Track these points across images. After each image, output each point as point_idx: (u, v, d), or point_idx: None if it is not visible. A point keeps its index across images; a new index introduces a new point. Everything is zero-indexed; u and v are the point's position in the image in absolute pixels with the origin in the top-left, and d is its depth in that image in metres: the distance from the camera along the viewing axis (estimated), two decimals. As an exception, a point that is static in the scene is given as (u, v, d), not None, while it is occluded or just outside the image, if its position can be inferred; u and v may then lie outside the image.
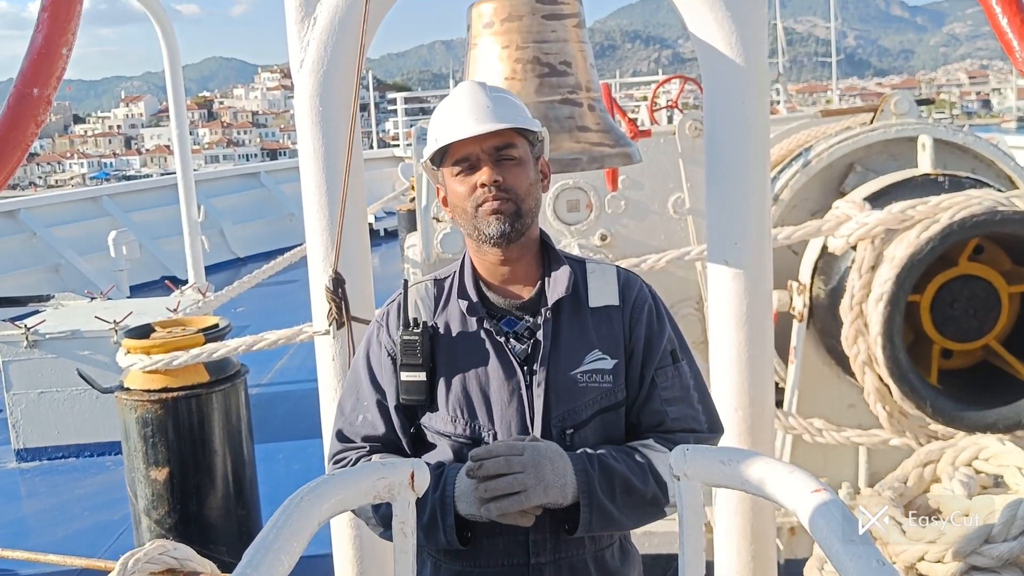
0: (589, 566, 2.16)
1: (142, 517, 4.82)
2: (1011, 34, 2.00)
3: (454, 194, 2.15)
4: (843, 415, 4.63)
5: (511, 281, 2.21)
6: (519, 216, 2.11)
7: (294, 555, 1.53)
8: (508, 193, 2.09)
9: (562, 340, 2.14)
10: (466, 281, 2.21)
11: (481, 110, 2.10)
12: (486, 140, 2.09)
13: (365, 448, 2.23)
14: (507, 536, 2.11)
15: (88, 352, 7.25)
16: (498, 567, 2.13)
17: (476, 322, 2.16)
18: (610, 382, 2.14)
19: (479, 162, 2.10)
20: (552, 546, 2.12)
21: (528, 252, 2.21)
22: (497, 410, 2.12)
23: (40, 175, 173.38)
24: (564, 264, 2.21)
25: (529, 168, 2.15)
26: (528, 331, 2.16)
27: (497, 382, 2.12)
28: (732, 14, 2.74)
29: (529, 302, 2.19)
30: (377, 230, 17.90)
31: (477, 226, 2.11)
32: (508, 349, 2.13)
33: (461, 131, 2.08)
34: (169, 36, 9.78)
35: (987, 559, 2.92)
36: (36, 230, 14.00)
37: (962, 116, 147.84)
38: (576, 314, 2.18)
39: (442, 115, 2.17)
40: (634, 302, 2.21)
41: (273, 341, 4.11)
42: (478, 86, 2.19)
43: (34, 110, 2.15)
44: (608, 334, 2.17)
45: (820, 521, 1.56)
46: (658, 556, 4.49)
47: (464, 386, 2.14)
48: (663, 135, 5.69)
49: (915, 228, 4.01)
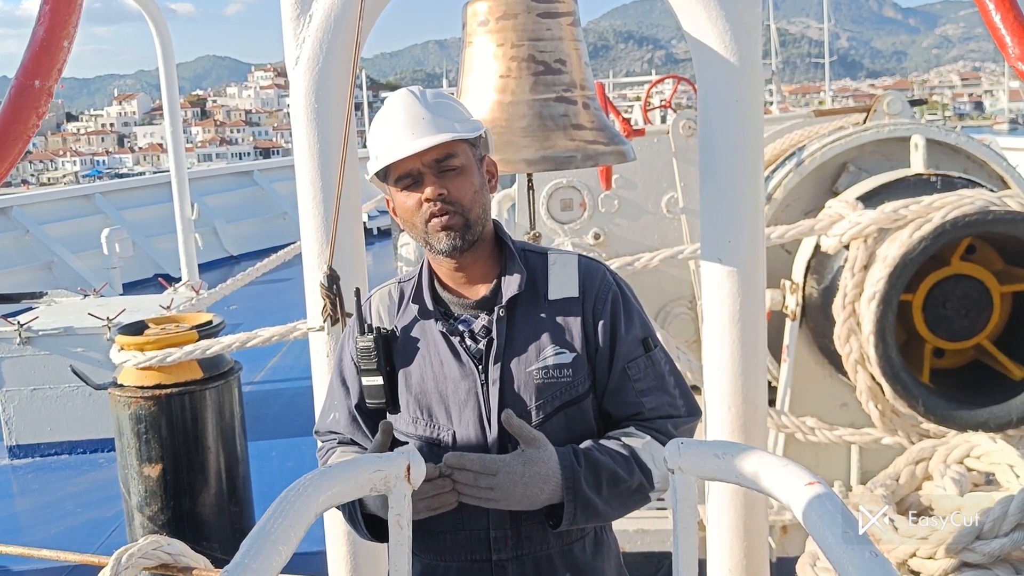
0: (555, 561, 2.16)
1: (135, 514, 4.81)
2: (1004, 30, 2.01)
3: (402, 207, 2.15)
4: (835, 414, 4.65)
5: (468, 282, 2.22)
6: (468, 227, 2.11)
7: (291, 546, 1.54)
8: (454, 205, 2.09)
9: (516, 336, 2.14)
10: (423, 284, 2.24)
11: (418, 123, 2.09)
12: (425, 154, 2.08)
13: (334, 440, 2.31)
14: (468, 532, 2.13)
15: (81, 349, 7.24)
16: (462, 562, 2.16)
17: (431, 324, 2.18)
18: (570, 376, 2.13)
19: (422, 176, 2.10)
20: (514, 543, 2.13)
21: (483, 254, 2.21)
22: (455, 410, 2.13)
23: (32, 172, 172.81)
24: (517, 261, 2.20)
25: (473, 175, 2.14)
26: (484, 329, 2.17)
27: (453, 382, 2.14)
28: (726, 14, 2.75)
29: (484, 300, 2.19)
30: (371, 228, 17.88)
31: (428, 240, 2.13)
32: (463, 348, 2.14)
33: (399, 150, 2.08)
34: (163, 34, 9.76)
35: (979, 555, 2.94)
36: (29, 227, 13.95)
37: (954, 118, 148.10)
38: (533, 309, 2.17)
39: (380, 130, 2.16)
40: (596, 292, 2.19)
41: (267, 338, 4.10)
42: (412, 96, 2.16)
43: (35, 102, 2.16)
44: (566, 327, 2.16)
45: (814, 514, 1.57)
46: (651, 554, 4.51)
47: (422, 387, 2.16)
48: (657, 134, 5.70)
49: (908, 227, 4.03)
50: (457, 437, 2.13)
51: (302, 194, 3.02)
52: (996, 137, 10.94)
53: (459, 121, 2.15)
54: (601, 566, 2.24)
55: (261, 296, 12.30)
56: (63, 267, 13.76)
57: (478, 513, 2.10)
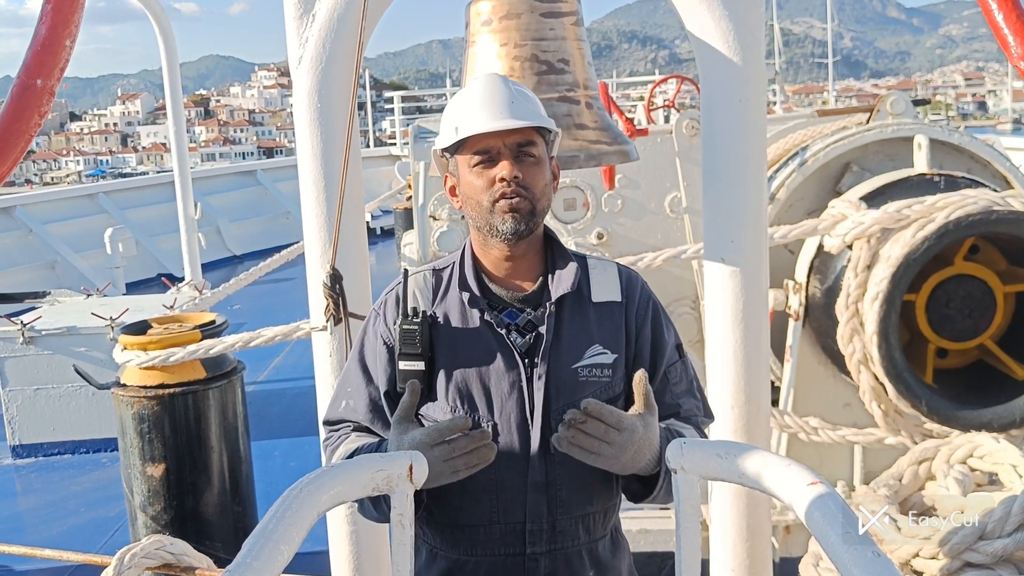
0: (583, 557, 2.17)
1: (138, 513, 4.82)
2: (1007, 30, 2.01)
3: (469, 185, 2.14)
4: (838, 414, 4.65)
5: (514, 275, 2.22)
6: (533, 215, 2.12)
7: (293, 545, 1.54)
8: (526, 191, 2.10)
9: (563, 334, 2.15)
10: (467, 272, 2.21)
11: (505, 104, 2.11)
12: (509, 135, 2.09)
13: (346, 428, 2.27)
14: (504, 525, 2.13)
15: (84, 348, 7.24)
16: (495, 556, 2.15)
17: (477, 314, 2.16)
18: (609, 376, 2.16)
19: (499, 156, 2.10)
20: (549, 536, 2.13)
21: (533, 247, 2.21)
22: (497, 402, 2.13)
23: (36, 172, 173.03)
24: (571, 260, 2.22)
25: (546, 167, 2.17)
26: (530, 324, 2.17)
27: (497, 374, 2.13)
28: (730, 13, 2.75)
29: (531, 295, 2.20)
30: (374, 228, 17.88)
31: (490, 221, 2.12)
32: (509, 341, 2.14)
33: (486, 124, 2.08)
34: (167, 34, 9.78)
35: (982, 556, 2.94)
36: (32, 227, 13.96)
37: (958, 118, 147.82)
38: (578, 309, 2.19)
39: (463, 105, 2.16)
40: (638, 299, 2.24)
41: (270, 337, 4.10)
42: (500, 79, 2.18)
43: (38, 100, 2.16)
44: (609, 329, 2.19)
45: (816, 514, 1.57)
46: (654, 554, 4.50)
47: (464, 377, 2.14)
48: (660, 134, 5.69)
49: (911, 227, 4.02)
50: (499, 430, 2.12)
51: (305, 194, 3.02)
52: (999, 137, 10.93)
53: (541, 113, 2.18)
54: (618, 565, 2.27)
55: (264, 296, 12.31)
56: (66, 267, 13.77)
57: (516, 506, 2.11)
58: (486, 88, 2.15)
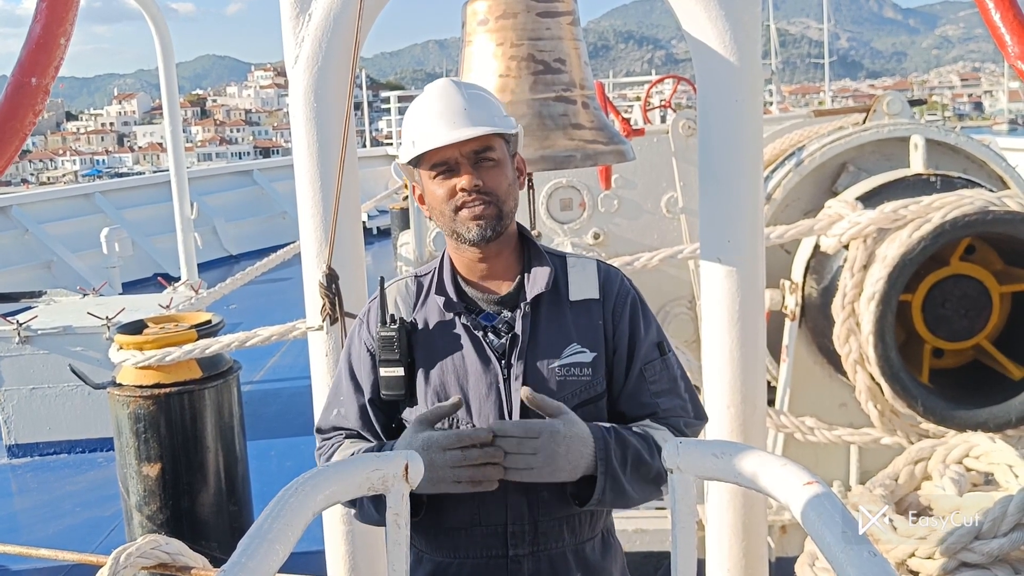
0: (568, 559, 2.16)
1: (134, 513, 4.81)
2: (1004, 30, 2.01)
3: (432, 196, 2.15)
4: (834, 414, 4.65)
5: (490, 277, 2.22)
6: (500, 218, 2.12)
7: (288, 545, 1.53)
8: (489, 196, 2.10)
9: (540, 334, 2.15)
10: (444, 277, 2.22)
11: (459, 113, 2.10)
12: (464, 144, 2.09)
13: (339, 435, 2.28)
14: (485, 527, 2.13)
15: (80, 348, 7.23)
16: (477, 558, 2.14)
17: (454, 317, 2.17)
18: (589, 375, 2.15)
19: (458, 166, 2.10)
20: (531, 538, 2.13)
21: (507, 247, 2.21)
22: (475, 404, 2.13)
23: (32, 172, 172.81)
24: (545, 259, 2.22)
25: (507, 168, 2.16)
26: (506, 325, 2.17)
27: (475, 376, 2.13)
28: (726, 14, 2.75)
29: (507, 296, 2.20)
30: (370, 228, 17.86)
31: (456, 229, 2.13)
32: (486, 343, 2.14)
33: (441, 137, 2.08)
34: (163, 34, 9.76)
35: (977, 555, 2.94)
36: (28, 226, 13.94)
37: (954, 118, 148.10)
38: (555, 308, 2.19)
39: (418, 116, 2.16)
40: (616, 296, 2.22)
41: (267, 337, 4.10)
42: (454, 86, 2.17)
43: (32, 99, 2.15)
44: (587, 327, 2.18)
45: (812, 514, 1.57)
46: (649, 554, 4.51)
47: (442, 380, 2.15)
48: (656, 134, 5.70)
49: (907, 227, 4.03)
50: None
51: (301, 193, 3.02)
52: (996, 137, 10.94)
53: (496, 116, 2.16)
54: (609, 567, 2.25)
55: (260, 295, 12.30)
56: (62, 266, 13.75)
57: (496, 508, 2.11)
58: (439, 98, 2.15)
